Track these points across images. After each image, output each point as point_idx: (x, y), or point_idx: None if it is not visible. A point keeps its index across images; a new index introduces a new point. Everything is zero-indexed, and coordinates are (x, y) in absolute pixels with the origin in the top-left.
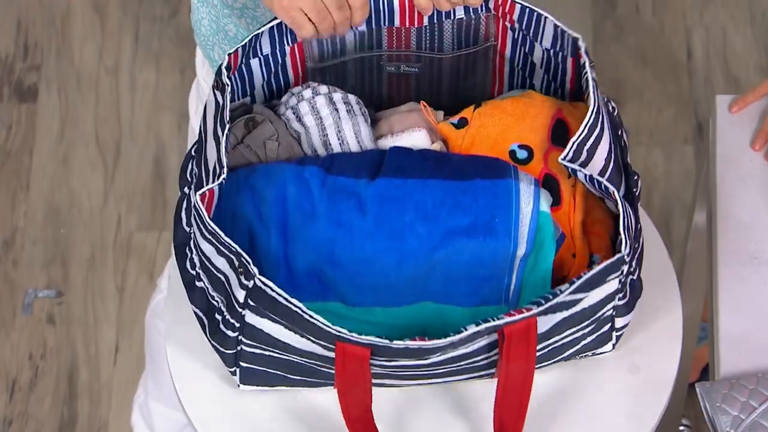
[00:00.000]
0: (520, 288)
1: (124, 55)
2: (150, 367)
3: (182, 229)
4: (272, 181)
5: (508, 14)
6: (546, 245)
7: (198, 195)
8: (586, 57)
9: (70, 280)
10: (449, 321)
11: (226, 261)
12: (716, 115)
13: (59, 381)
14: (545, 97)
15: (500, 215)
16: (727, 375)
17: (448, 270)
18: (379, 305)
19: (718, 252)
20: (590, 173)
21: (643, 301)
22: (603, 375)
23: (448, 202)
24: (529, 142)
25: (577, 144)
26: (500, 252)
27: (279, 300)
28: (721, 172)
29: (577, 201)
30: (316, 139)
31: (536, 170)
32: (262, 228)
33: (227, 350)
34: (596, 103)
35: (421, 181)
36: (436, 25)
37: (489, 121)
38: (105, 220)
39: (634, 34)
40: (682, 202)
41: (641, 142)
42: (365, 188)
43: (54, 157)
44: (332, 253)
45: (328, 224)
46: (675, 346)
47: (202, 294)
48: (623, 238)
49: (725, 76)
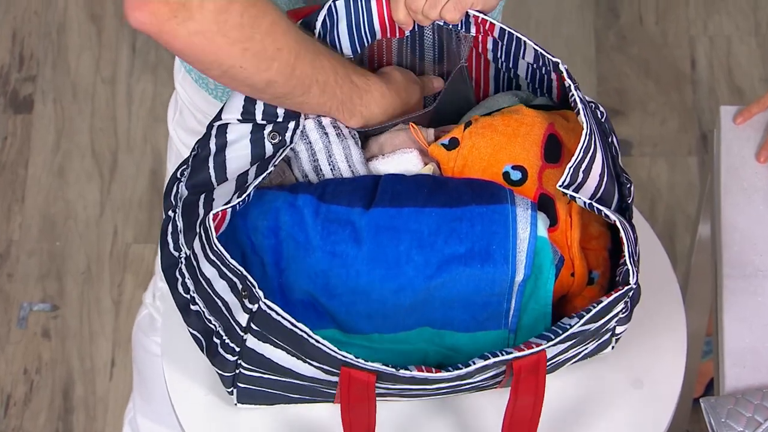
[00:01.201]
0: (520, 313)
1: (121, 66)
2: (137, 382)
3: (169, 253)
4: (264, 209)
5: (489, 32)
6: (545, 270)
7: (211, 215)
8: (569, 79)
9: (65, 294)
10: (449, 344)
11: (228, 284)
12: (720, 127)
13: (54, 396)
14: (536, 112)
15: (497, 242)
16: (732, 390)
17: (445, 297)
18: (378, 332)
19: (723, 265)
20: (590, 201)
21: (646, 315)
22: (606, 390)
23: (444, 230)
24: (522, 161)
25: (573, 168)
26: (498, 278)
27: (284, 324)
28: (726, 183)
29: (573, 219)
30: (306, 164)
31: (531, 191)
32: (256, 257)
33: (225, 372)
34: (588, 125)
35: (416, 209)
36: (417, 34)
37: (480, 141)
38: (101, 233)
39: (638, 44)
40: (686, 214)
41: (645, 153)
42: (360, 218)
43: (49, 168)
44: (327, 283)
45: (323, 255)
46: (679, 360)
47: (198, 317)
48: (631, 269)
49: (729, 86)
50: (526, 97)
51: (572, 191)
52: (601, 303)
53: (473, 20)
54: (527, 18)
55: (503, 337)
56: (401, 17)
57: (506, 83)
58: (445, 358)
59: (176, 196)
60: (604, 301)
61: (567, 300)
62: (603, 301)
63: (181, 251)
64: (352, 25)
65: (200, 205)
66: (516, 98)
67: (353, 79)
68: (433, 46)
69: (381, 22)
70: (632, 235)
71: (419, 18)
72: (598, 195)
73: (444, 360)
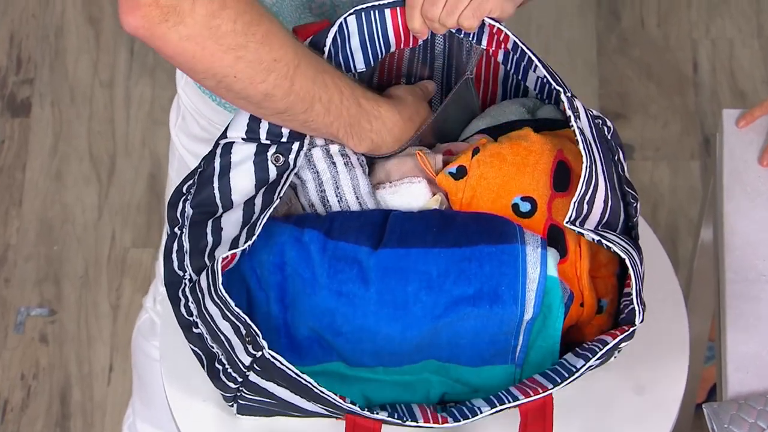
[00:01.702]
0: (528, 350)
1: (119, 69)
2: (137, 387)
3: (173, 271)
4: (270, 243)
5: (503, 43)
6: (554, 309)
7: (220, 258)
8: (570, 110)
9: (63, 298)
10: (455, 377)
11: (231, 326)
12: (723, 130)
13: (52, 401)
14: (544, 139)
15: (506, 283)
16: (735, 396)
17: (453, 334)
18: (383, 365)
19: (726, 269)
20: (598, 238)
21: (648, 320)
22: (607, 396)
23: (452, 271)
24: (531, 192)
25: (577, 203)
26: (507, 317)
27: (288, 373)
28: (728, 187)
29: (582, 249)
30: (313, 194)
31: (540, 223)
32: (261, 292)
33: (227, 394)
34: (589, 158)
35: (425, 250)
36: (428, 43)
37: (489, 171)
38: (99, 237)
39: (639, 46)
40: (689, 218)
41: (647, 157)
42: (368, 258)
43: (47, 172)
44: (334, 321)
45: (329, 294)
46: (682, 366)
47: (200, 338)
48: (637, 308)
49: (732, 90)
50: (533, 106)
51: (579, 224)
52: (607, 345)
53: (487, 30)
54: (528, 22)
55: (509, 372)
56: (417, 26)
57: (514, 88)
58: (450, 387)
59: (182, 214)
60: (609, 342)
61: (576, 328)
62: (609, 342)
63: (185, 272)
64: (365, 39)
65: (208, 233)
66: (523, 108)
67: (361, 102)
68: (443, 54)
69: (396, 33)
70: (640, 270)
71: (435, 26)
72: (604, 220)
73: (449, 389)
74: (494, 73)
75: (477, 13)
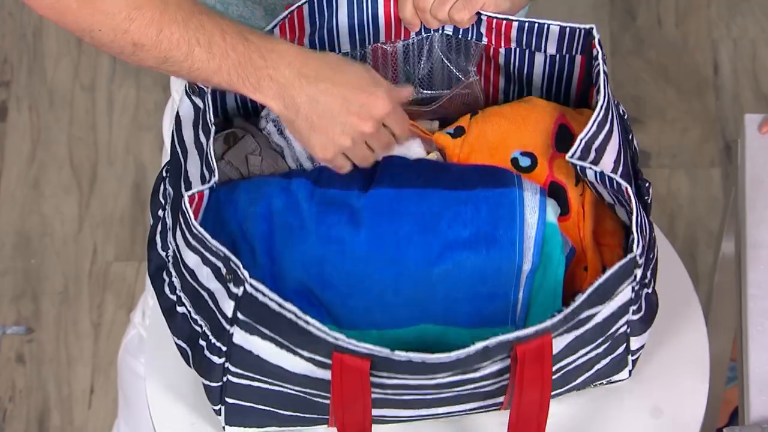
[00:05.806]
0: (528, 306)
1: (102, 72)
2: (123, 408)
3: (157, 254)
4: (256, 195)
5: (504, 34)
6: (554, 259)
7: (187, 196)
8: (599, 48)
9: (41, 316)
10: (452, 344)
11: (212, 271)
12: (745, 136)
13: (29, 425)
14: (547, 102)
15: (503, 226)
16: (759, 419)
17: (449, 288)
18: (375, 328)
19: (748, 285)
20: (601, 170)
21: (666, 338)
22: (623, 418)
23: (447, 213)
24: (531, 148)
25: (585, 141)
26: (505, 265)
27: (272, 307)
28: (751, 197)
29: (586, 210)
30: (299, 151)
31: (541, 178)
32: (246, 245)
33: (213, 382)
34: (606, 97)
35: (418, 190)
36: (425, 40)
37: (488, 127)
38: (79, 250)
39: (656, 47)
40: (709, 230)
41: (664, 165)
42: (358, 200)
43: (24, 181)
44: (322, 271)
45: (318, 240)
46: (701, 387)
47: (183, 320)
48: (635, 237)
49: (755, 93)
50: None
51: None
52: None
53: (486, 25)
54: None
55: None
56: (408, 15)
57: (518, 81)
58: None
59: (164, 194)
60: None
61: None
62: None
63: (168, 249)
64: (354, 17)
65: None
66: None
67: (248, 37)
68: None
69: (386, 18)
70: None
71: (427, 18)
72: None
73: None
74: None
75: (468, 6)
